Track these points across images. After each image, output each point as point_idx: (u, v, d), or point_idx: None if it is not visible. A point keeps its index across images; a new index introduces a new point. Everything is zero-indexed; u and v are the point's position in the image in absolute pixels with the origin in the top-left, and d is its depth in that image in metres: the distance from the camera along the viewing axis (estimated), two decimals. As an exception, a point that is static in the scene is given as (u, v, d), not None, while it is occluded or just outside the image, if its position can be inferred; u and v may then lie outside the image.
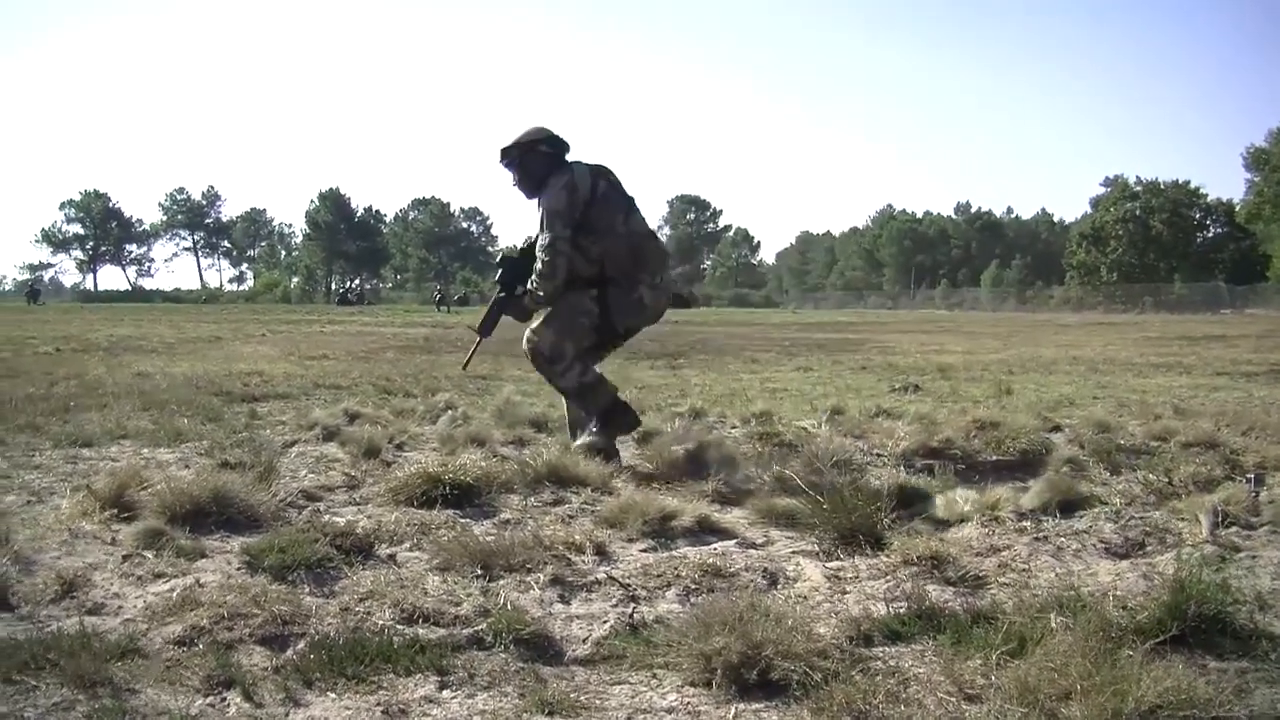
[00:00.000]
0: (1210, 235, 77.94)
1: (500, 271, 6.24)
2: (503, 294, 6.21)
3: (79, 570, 3.67)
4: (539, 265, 5.89)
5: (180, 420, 7.52)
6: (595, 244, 5.90)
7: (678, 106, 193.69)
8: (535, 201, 6.06)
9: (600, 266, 5.94)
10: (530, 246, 6.12)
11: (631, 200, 6.15)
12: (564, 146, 6.14)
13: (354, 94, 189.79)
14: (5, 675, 2.71)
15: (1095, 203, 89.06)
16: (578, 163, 6.06)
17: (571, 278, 5.93)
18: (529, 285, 5.97)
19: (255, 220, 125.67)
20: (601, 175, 6.04)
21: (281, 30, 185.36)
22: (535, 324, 6.01)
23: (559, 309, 5.96)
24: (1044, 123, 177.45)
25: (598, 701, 2.71)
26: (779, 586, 3.70)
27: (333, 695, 2.71)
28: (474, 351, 6.94)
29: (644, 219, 6.19)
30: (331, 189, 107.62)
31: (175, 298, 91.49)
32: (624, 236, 5.97)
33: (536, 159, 6.08)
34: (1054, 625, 2.96)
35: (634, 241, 6.02)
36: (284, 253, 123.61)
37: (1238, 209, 72.72)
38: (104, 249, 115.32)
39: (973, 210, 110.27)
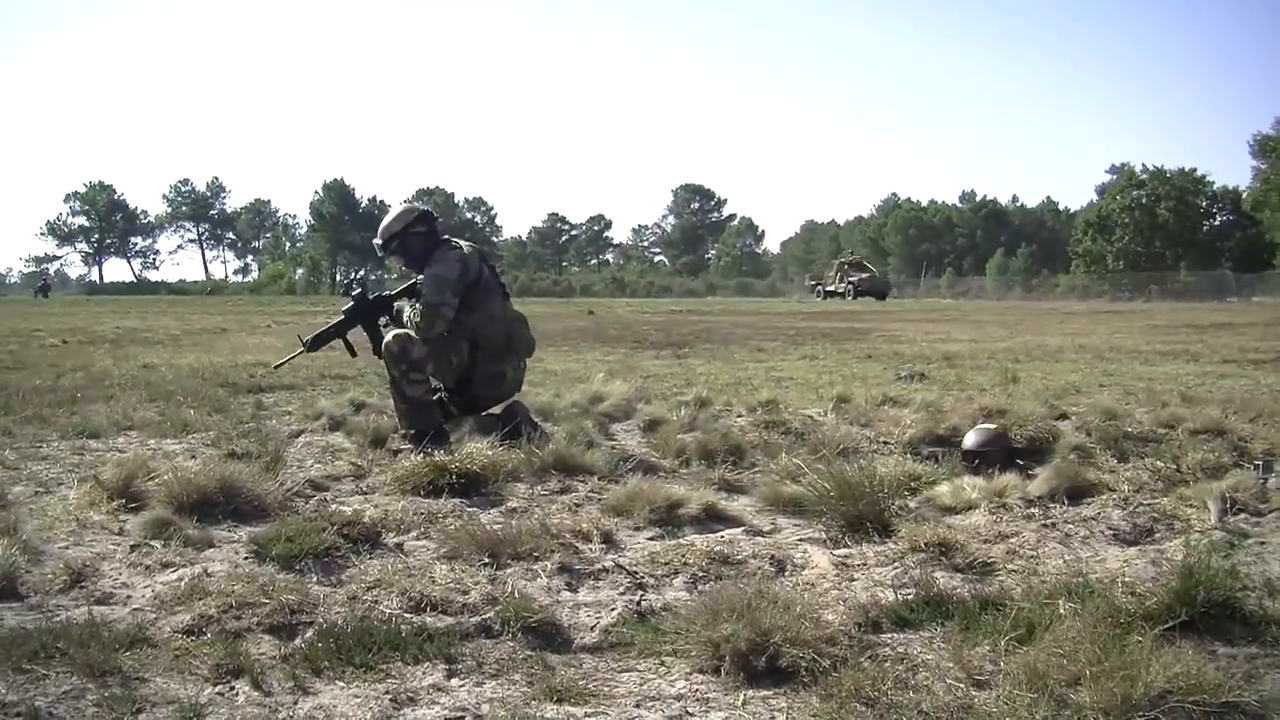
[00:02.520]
0: (1217, 223, 77.50)
1: (350, 305, 6.56)
2: (343, 322, 6.54)
3: (87, 560, 3.69)
4: (419, 319, 6.19)
5: (187, 411, 7.53)
6: (471, 317, 6.26)
7: (682, 96, 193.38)
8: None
9: (475, 334, 6.29)
10: (381, 299, 6.60)
11: (505, 286, 6.60)
12: (435, 220, 6.53)
13: (358, 84, 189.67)
14: (16, 664, 2.72)
15: (1101, 190, 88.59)
16: (464, 242, 6.47)
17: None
18: (410, 315, 6.30)
19: (260, 212, 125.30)
20: (484, 260, 6.48)
21: (286, 21, 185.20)
22: (413, 332, 6.17)
23: (439, 338, 6.19)
24: (1049, 110, 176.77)
25: (606, 689, 2.71)
26: (787, 574, 3.70)
27: (341, 684, 2.71)
28: (290, 359, 7.43)
29: (513, 306, 6.63)
30: (336, 180, 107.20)
31: (180, 290, 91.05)
32: (500, 319, 6.38)
33: (414, 240, 6.44)
34: (1063, 611, 2.96)
35: (510, 326, 6.45)
36: (288, 244, 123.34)
37: (1244, 196, 72.20)
38: (109, 241, 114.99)
39: (978, 198, 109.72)
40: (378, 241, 6.54)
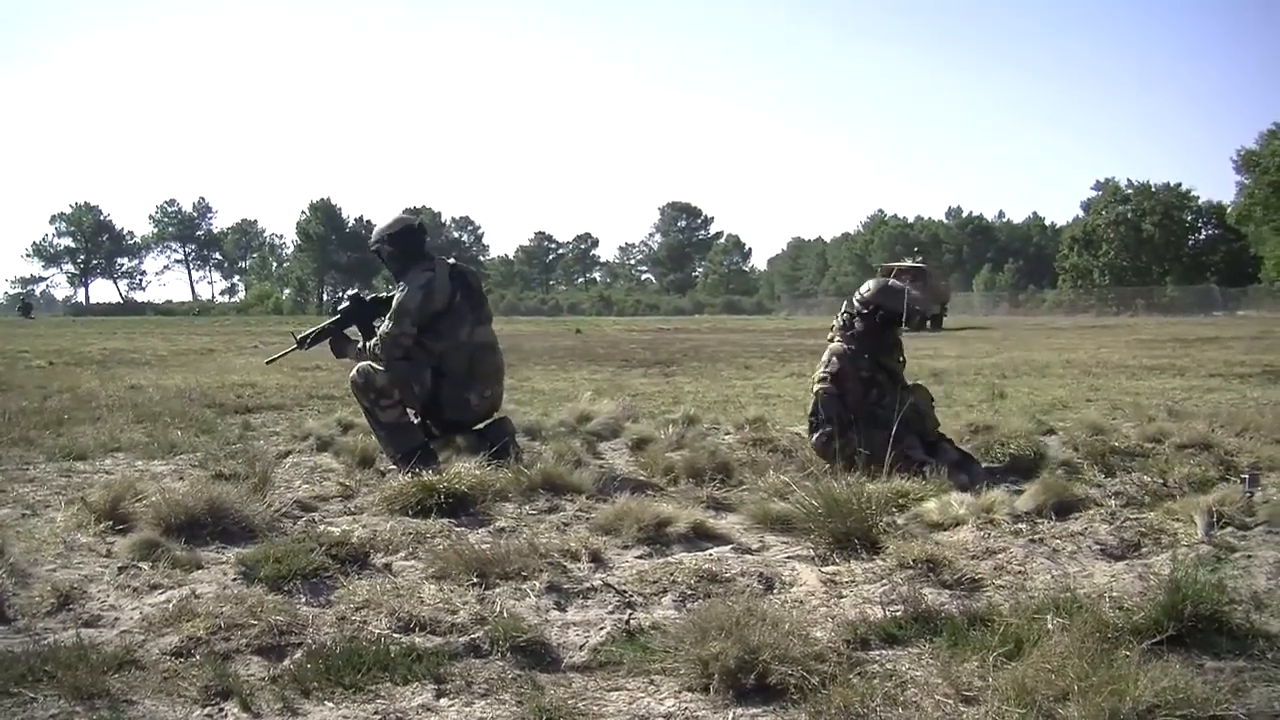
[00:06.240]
0: (1202, 237, 77.90)
1: (345, 306, 6.53)
2: (337, 322, 6.49)
3: (75, 582, 3.67)
4: (378, 345, 6.18)
5: (174, 432, 7.51)
6: (438, 344, 6.21)
7: (668, 114, 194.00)
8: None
9: (440, 361, 6.22)
10: (377, 300, 6.49)
11: (482, 307, 6.47)
12: (417, 239, 6.47)
13: (345, 104, 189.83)
14: (4, 687, 2.71)
15: (1087, 206, 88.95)
16: (443, 263, 6.38)
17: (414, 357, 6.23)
18: (371, 345, 6.25)
19: (246, 232, 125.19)
20: (461, 280, 6.36)
21: (272, 40, 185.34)
22: (374, 362, 6.17)
23: (401, 366, 6.16)
24: (1035, 126, 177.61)
25: (595, 708, 2.71)
26: (775, 591, 3.70)
27: (330, 704, 2.71)
28: (283, 355, 7.26)
29: (490, 329, 6.50)
30: (322, 200, 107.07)
31: (167, 310, 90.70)
32: (465, 345, 6.27)
33: (393, 250, 6.44)
34: (1050, 627, 2.96)
35: (474, 352, 6.31)
36: (275, 264, 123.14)
37: (1229, 211, 72.63)
38: (95, 262, 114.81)
39: (964, 214, 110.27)
40: (370, 240, 6.66)
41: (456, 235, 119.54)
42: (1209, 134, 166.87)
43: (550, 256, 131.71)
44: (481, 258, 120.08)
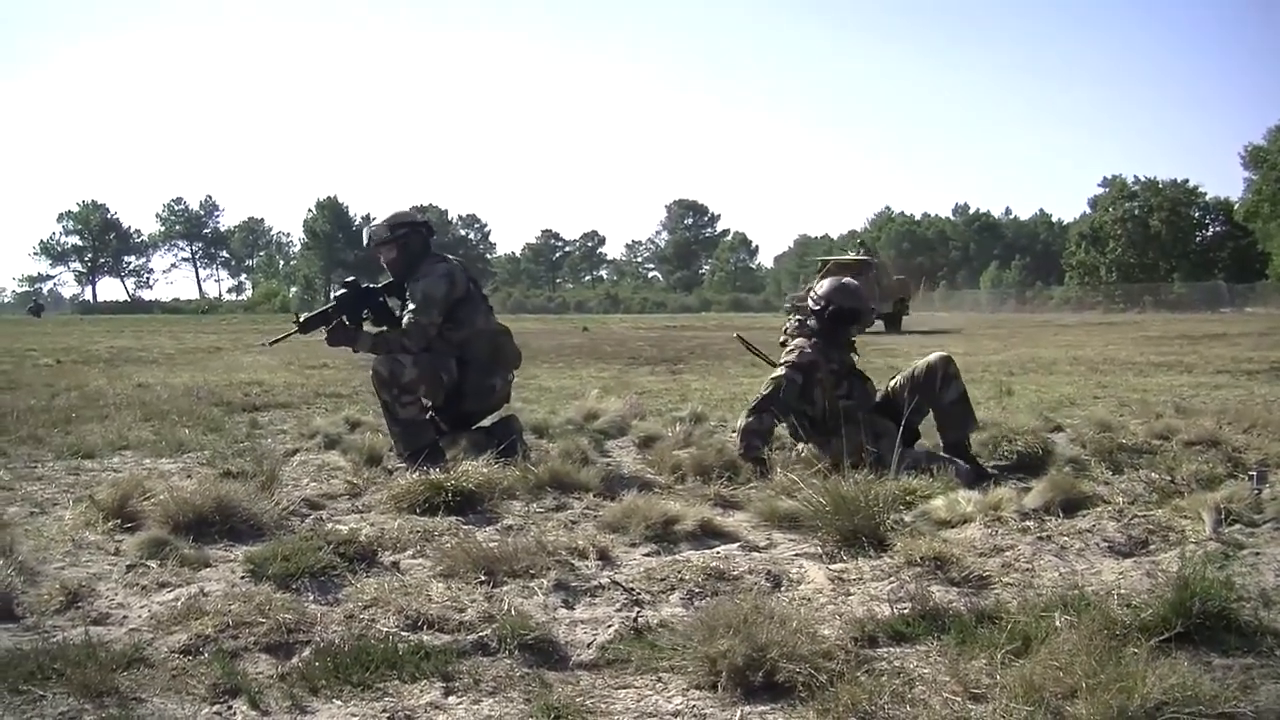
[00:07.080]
0: (1209, 234, 77.64)
1: (343, 292, 6.49)
2: (334, 308, 6.43)
3: (83, 580, 3.68)
4: (405, 337, 6.19)
5: (182, 430, 7.52)
6: (457, 332, 6.30)
7: (674, 112, 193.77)
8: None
9: (462, 349, 6.31)
10: (370, 290, 6.50)
11: (487, 299, 6.63)
12: (431, 233, 6.64)
13: (351, 102, 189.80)
14: (13, 685, 2.72)
15: (1094, 203, 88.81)
16: (450, 258, 6.52)
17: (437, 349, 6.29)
18: (394, 335, 6.25)
19: (253, 230, 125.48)
20: (467, 273, 6.49)
21: (279, 38, 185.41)
22: (400, 355, 6.16)
23: (425, 358, 6.19)
24: (1041, 123, 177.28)
25: (603, 705, 2.71)
26: (783, 589, 3.70)
27: (338, 702, 2.71)
28: (284, 337, 7.05)
29: (496, 318, 6.67)
30: (329, 198, 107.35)
31: (174, 308, 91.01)
32: (485, 332, 6.41)
33: (419, 239, 6.51)
34: (1058, 624, 2.96)
35: (494, 338, 6.46)
36: (282, 262, 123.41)
37: (1236, 207, 72.47)
38: (102, 260, 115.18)
39: (971, 211, 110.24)
40: (381, 222, 6.50)
41: (463, 233, 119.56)
42: (1216, 130, 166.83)
43: (557, 254, 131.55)
44: (488, 255, 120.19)
